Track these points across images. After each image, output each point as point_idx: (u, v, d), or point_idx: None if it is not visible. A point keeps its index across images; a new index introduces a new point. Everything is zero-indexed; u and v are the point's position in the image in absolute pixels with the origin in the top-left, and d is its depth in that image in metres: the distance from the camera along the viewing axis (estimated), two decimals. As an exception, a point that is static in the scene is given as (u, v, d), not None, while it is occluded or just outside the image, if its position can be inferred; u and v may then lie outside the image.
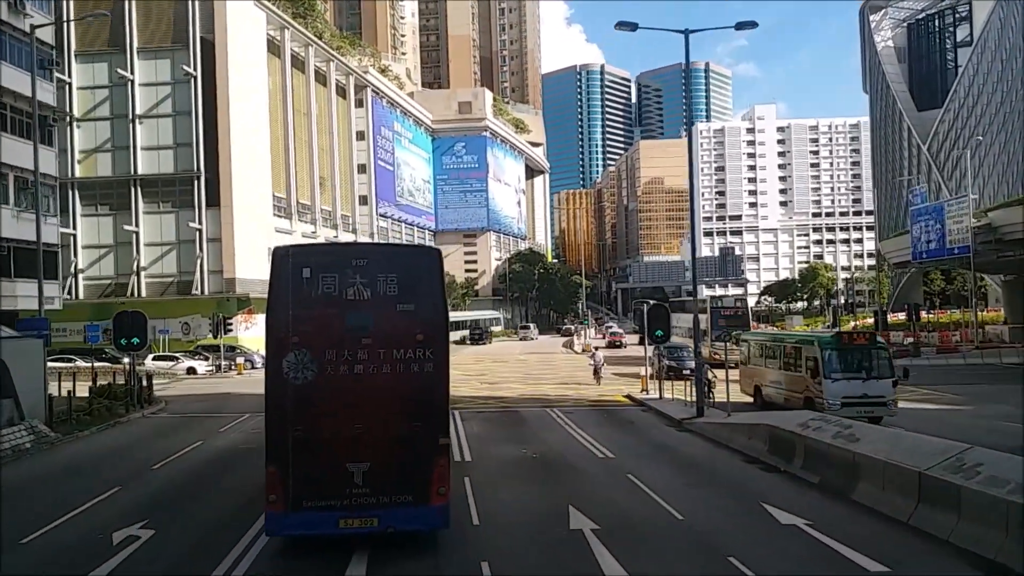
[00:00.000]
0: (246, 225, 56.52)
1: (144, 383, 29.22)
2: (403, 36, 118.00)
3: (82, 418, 21.77)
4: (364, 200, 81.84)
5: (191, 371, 42.44)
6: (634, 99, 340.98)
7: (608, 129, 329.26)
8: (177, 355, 43.72)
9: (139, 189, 55.90)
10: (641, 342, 27.54)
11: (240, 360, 42.64)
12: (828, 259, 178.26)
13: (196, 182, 55.37)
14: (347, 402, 9.71)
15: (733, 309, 44.00)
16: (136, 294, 55.30)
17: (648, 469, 15.49)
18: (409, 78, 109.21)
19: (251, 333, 57.57)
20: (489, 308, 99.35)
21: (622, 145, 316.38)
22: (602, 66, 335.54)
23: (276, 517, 9.63)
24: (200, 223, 55.08)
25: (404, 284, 10.00)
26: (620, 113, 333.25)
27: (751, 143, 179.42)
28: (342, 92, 78.99)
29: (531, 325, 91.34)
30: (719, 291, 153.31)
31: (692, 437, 19.88)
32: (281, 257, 9.97)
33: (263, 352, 11.32)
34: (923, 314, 68.41)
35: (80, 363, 41.84)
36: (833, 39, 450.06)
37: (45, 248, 33.57)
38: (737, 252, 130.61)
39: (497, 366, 46.83)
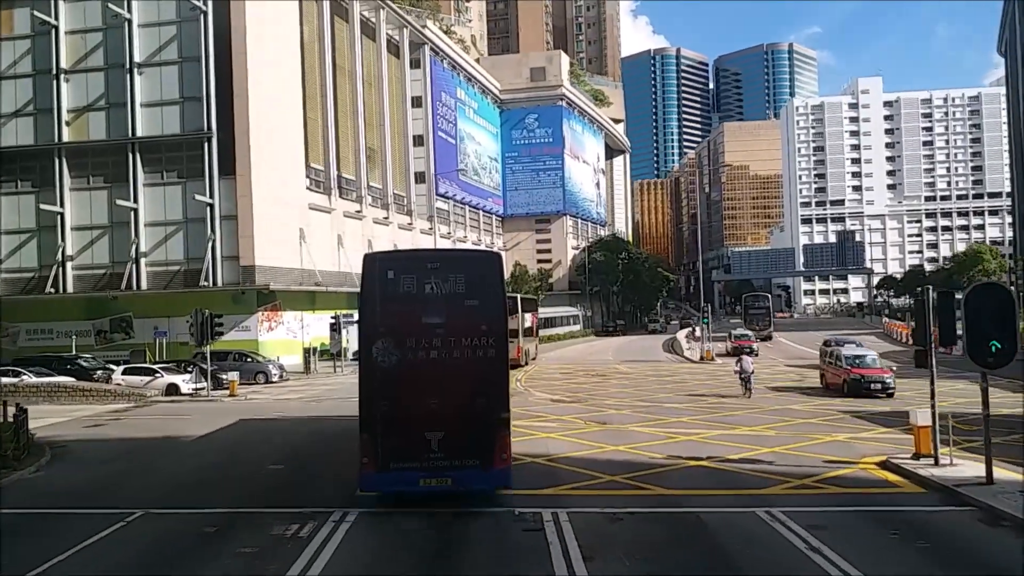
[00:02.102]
0: (270, 200, 44.81)
1: (23, 426, 17.19)
2: (467, 1, 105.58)
3: None
4: (421, 177, 69.51)
5: (172, 389, 30.60)
6: (711, 84, 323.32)
7: (684, 116, 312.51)
8: (156, 368, 31.92)
9: (139, 155, 44.72)
10: (918, 363, 13.30)
11: (233, 376, 30.27)
12: (944, 249, 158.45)
13: (206, 145, 43.90)
14: (425, 381, 11.47)
15: None
16: (135, 286, 44.23)
17: None
18: (475, 45, 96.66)
19: (276, 335, 45.90)
20: (566, 304, 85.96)
21: (699, 133, 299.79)
22: (678, 50, 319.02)
23: (369, 476, 11.48)
24: (211, 196, 43.62)
25: (470, 283, 11.80)
26: (697, 99, 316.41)
27: (854, 120, 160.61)
28: (395, 50, 66.88)
29: (660, 318, 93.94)
30: (838, 283, 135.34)
31: None
32: (371, 262, 12.10)
33: (284, 360, 10.96)
34: None
35: (28, 379, 30.54)
36: (915, 23, 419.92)
37: None
38: (858, 238, 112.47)
39: (596, 383, 33.48)
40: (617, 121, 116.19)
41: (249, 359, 37.15)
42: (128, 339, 44.95)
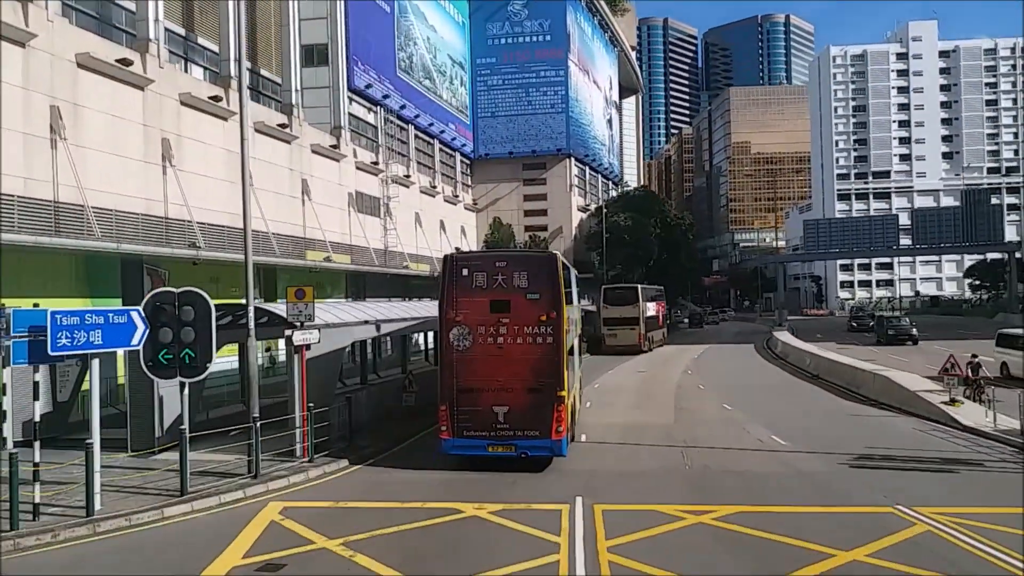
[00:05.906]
0: None
1: None
2: None
3: None
4: (320, 58, 37.77)
5: None
6: (700, 61, 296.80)
7: (672, 94, 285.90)
8: None
9: None
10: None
11: None
12: (1010, 232, 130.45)
13: None
14: (493, 363, 14.03)
15: None
16: None
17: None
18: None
19: None
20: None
21: (687, 112, 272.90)
22: (666, 20, 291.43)
23: (446, 441, 14.23)
24: None
25: (531, 279, 14.21)
26: (685, 75, 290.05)
27: (903, 73, 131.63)
28: None
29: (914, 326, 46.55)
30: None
31: None
32: (450, 261, 14.61)
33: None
34: None
35: None
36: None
37: None
38: (995, 201, 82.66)
39: None
40: (632, 48, 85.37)
41: None
42: None
